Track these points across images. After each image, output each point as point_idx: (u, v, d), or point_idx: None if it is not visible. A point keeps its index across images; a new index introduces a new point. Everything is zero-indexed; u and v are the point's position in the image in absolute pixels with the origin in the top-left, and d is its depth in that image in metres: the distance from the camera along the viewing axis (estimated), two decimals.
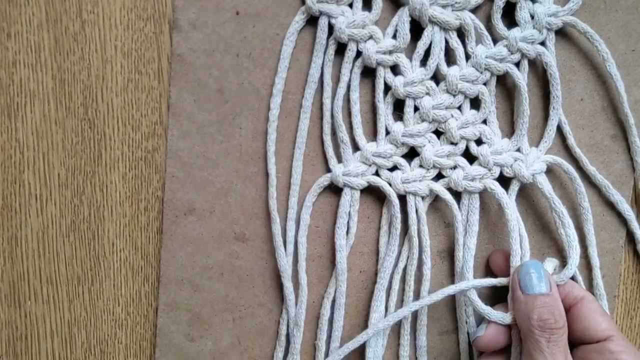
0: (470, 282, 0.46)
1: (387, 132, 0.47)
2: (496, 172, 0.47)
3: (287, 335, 0.49)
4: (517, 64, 0.46)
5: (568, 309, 0.44)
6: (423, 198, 0.47)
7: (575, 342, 0.44)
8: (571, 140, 0.48)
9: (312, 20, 0.47)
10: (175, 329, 0.50)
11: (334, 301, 0.49)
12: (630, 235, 0.50)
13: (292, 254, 0.48)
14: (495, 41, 0.46)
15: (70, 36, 0.47)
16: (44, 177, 0.49)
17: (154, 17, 0.47)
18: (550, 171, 0.48)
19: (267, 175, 0.48)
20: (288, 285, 0.48)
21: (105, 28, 0.47)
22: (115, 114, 0.48)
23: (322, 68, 0.47)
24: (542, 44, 0.46)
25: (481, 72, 0.46)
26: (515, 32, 0.45)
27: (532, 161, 0.47)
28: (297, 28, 0.47)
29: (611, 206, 0.49)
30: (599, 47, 0.46)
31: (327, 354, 0.49)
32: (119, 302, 0.50)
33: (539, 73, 0.48)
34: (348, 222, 0.48)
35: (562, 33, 0.47)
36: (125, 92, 0.48)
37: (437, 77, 0.47)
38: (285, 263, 0.48)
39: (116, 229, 0.49)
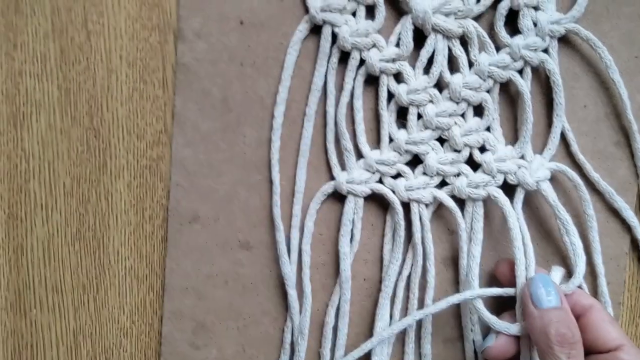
0: (476, 292, 0.45)
1: (391, 140, 0.47)
2: (500, 179, 0.47)
3: (292, 344, 0.49)
4: (521, 72, 0.46)
5: (577, 319, 0.44)
6: (427, 206, 0.47)
7: (585, 352, 0.43)
8: (574, 147, 0.48)
9: (315, 29, 0.47)
10: (180, 337, 0.50)
11: (338, 309, 0.49)
12: (634, 242, 0.49)
13: (296, 262, 0.48)
14: (497, 49, 0.46)
15: (75, 46, 0.48)
16: (50, 186, 0.49)
17: (158, 27, 0.48)
18: (552, 178, 0.48)
19: (271, 183, 0.48)
20: (292, 293, 0.48)
21: (110, 38, 0.48)
22: (120, 123, 0.48)
23: (325, 76, 0.47)
24: (545, 51, 0.46)
25: (484, 80, 0.46)
26: (518, 40, 0.45)
27: (536, 168, 0.47)
28: (300, 37, 0.47)
29: (615, 213, 0.49)
30: (602, 54, 0.46)
31: None
32: (124, 311, 0.50)
33: (542, 80, 0.48)
34: (352, 230, 0.48)
35: (564, 40, 0.47)
36: (130, 101, 0.48)
37: (440, 85, 0.47)
38: (289, 271, 0.48)
39: (121, 237, 0.49)
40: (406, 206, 0.47)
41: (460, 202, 0.48)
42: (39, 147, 0.49)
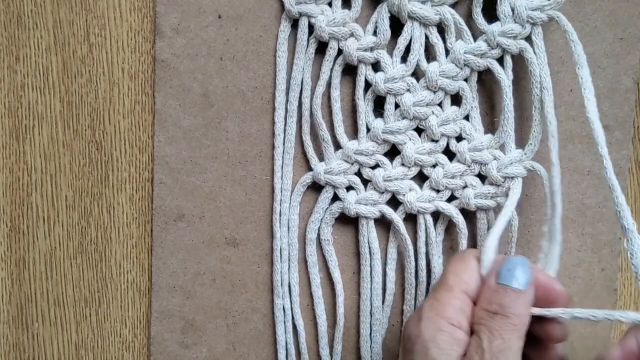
0: None
1: (368, 130, 0.46)
2: (475, 169, 0.46)
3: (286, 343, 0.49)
4: (503, 60, 0.45)
5: None
6: (436, 222, 0.47)
7: None
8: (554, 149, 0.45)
9: (294, 24, 0.46)
10: (169, 337, 0.49)
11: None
12: None
13: (286, 261, 0.48)
14: (477, 37, 0.45)
15: (77, 59, 0.48)
16: (52, 199, 0.49)
17: None
18: None
19: (272, 189, 0.48)
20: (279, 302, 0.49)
21: (112, 51, 0.48)
22: (122, 136, 0.48)
23: (303, 68, 0.46)
24: (529, 39, 0.45)
25: (461, 68, 0.45)
26: (494, 27, 0.44)
27: (508, 163, 0.45)
28: (285, 37, 0.46)
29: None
30: (574, 49, 0.44)
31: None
32: (126, 324, 0.50)
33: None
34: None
35: (548, 24, 0.46)
36: (132, 114, 0.48)
37: (417, 75, 0.46)
38: (279, 279, 0.48)
39: (123, 250, 0.49)
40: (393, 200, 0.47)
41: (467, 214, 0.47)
42: (41, 160, 0.49)
